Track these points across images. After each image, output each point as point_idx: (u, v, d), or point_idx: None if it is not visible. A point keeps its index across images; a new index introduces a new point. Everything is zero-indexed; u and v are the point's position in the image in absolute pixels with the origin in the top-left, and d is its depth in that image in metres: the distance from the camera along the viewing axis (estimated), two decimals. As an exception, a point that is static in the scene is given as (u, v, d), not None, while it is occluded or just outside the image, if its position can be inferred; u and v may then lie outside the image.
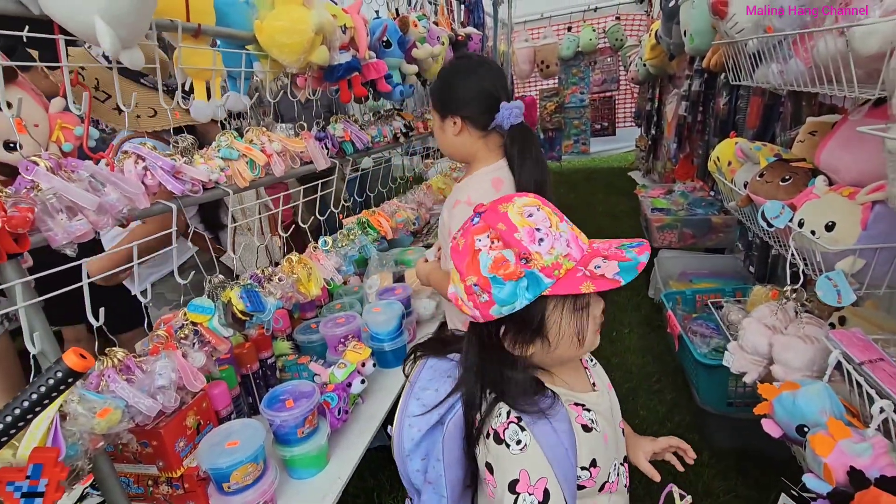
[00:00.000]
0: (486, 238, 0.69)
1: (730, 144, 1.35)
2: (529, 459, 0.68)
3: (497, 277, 0.66)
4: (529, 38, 6.18)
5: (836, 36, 0.80)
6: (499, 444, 0.70)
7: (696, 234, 2.67)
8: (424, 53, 2.07)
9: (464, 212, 1.18)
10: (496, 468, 0.70)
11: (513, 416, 0.71)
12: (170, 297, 1.65)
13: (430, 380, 0.81)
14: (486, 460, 0.72)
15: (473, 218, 0.73)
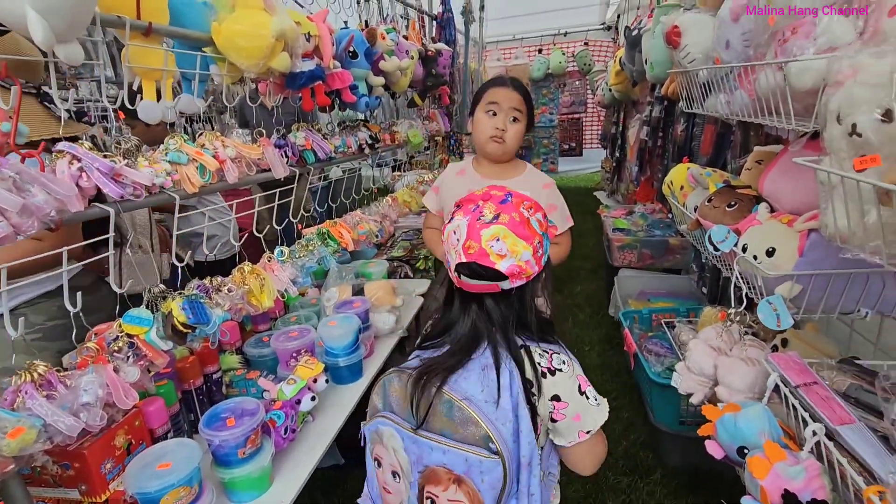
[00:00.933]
0: (526, 209, 0.86)
1: (682, 170, 1.39)
2: (576, 367, 0.88)
3: (545, 234, 0.87)
4: (501, 58, 6.31)
5: (774, 70, 0.84)
6: (554, 374, 0.83)
7: (654, 254, 2.75)
8: (392, 66, 2.07)
9: (555, 191, 1.69)
10: (562, 392, 0.83)
11: (546, 348, 0.86)
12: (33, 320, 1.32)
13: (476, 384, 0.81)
14: (553, 394, 0.83)
15: (505, 198, 0.87)
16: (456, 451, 0.77)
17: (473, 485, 0.76)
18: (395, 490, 0.87)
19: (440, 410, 0.79)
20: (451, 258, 0.86)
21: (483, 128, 1.57)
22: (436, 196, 1.80)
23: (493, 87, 1.59)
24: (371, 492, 0.96)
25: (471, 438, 0.77)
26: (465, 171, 1.71)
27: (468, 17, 3.39)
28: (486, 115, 1.56)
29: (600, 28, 6.37)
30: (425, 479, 0.81)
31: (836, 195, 0.68)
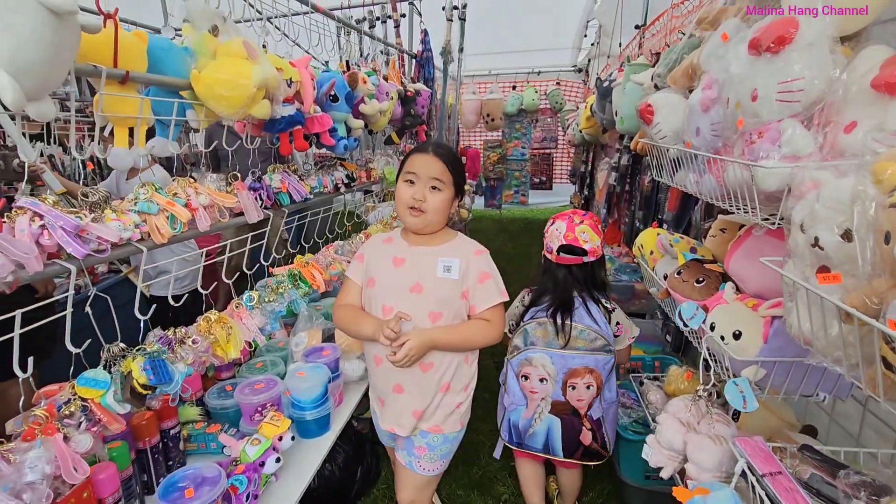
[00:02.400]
0: (595, 222, 1.64)
1: (652, 234, 1.45)
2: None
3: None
4: (477, 91, 6.46)
5: (742, 167, 0.89)
6: (614, 311, 1.66)
7: (621, 298, 2.82)
8: (372, 110, 2.09)
9: (487, 259, 1.49)
10: (620, 319, 1.69)
11: (605, 297, 1.67)
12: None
13: (585, 316, 1.59)
14: (615, 322, 1.67)
15: (585, 214, 1.70)
16: (590, 356, 1.54)
17: (599, 372, 1.55)
18: (542, 389, 1.59)
19: (574, 336, 1.55)
20: (553, 243, 1.65)
21: (401, 197, 1.38)
22: (360, 265, 1.48)
23: (414, 154, 1.41)
24: (514, 398, 1.66)
25: (597, 347, 1.55)
26: (392, 239, 1.50)
27: (447, 57, 3.47)
28: (405, 184, 1.38)
29: (571, 70, 6.64)
30: (568, 376, 1.55)
31: (800, 299, 0.72)
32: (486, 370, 2.93)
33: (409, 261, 1.42)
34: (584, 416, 1.56)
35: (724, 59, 0.94)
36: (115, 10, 1.10)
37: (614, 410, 1.61)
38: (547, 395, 1.57)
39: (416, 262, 1.41)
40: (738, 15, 1.15)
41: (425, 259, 1.40)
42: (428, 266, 1.39)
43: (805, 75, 0.77)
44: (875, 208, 0.57)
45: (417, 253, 1.42)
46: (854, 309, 0.58)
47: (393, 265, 1.42)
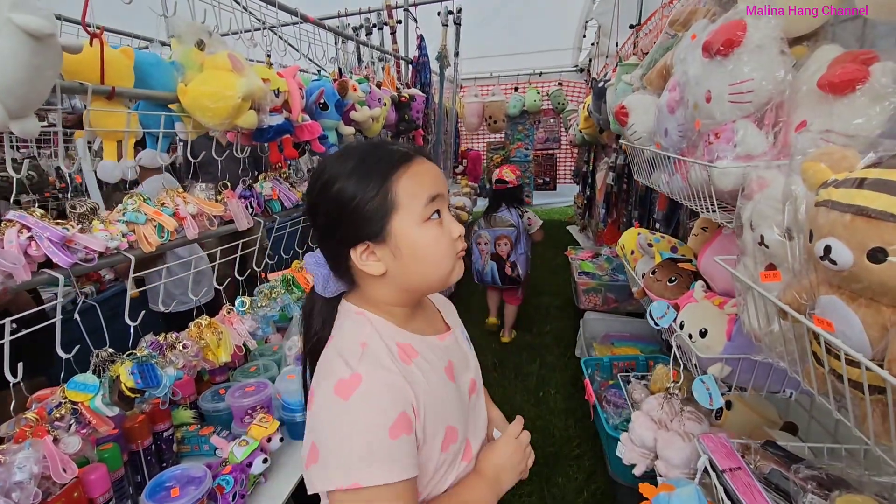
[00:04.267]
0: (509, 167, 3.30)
1: (633, 235, 1.46)
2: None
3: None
4: (479, 94, 6.49)
5: (701, 168, 0.90)
6: (527, 212, 3.24)
7: (617, 298, 2.82)
8: (362, 117, 2.12)
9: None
10: (531, 216, 3.27)
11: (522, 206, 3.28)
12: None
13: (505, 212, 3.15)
14: (527, 217, 3.23)
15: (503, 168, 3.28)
16: (504, 230, 3.07)
17: (510, 238, 3.08)
18: (485, 248, 3.16)
19: (497, 221, 3.10)
20: (493, 180, 3.22)
21: (440, 242, 0.73)
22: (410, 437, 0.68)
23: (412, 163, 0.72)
24: (474, 258, 3.23)
25: (507, 226, 3.07)
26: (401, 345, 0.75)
27: (443, 62, 3.51)
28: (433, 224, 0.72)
29: (573, 70, 6.64)
30: (496, 240, 3.11)
31: (749, 297, 0.73)
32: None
33: (452, 358, 0.82)
34: (507, 260, 3.15)
35: (685, 61, 0.96)
36: (100, 30, 1.15)
37: (524, 259, 3.16)
38: (487, 251, 3.19)
39: (454, 352, 0.84)
40: (707, 16, 1.17)
41: (457, 342, 0.88)
42: (462, 350, 0.88)
43: (754, 76, 0.79)
44: (804, 206, 0.58)
45: (445, 343, 0.83)
46: (787, 306, 0.60)
47: (449, 380, 0.78)
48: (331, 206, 0.70)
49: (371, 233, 0.69)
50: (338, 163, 0.72)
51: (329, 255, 0.76)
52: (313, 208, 0.74)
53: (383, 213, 0.68)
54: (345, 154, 0.73)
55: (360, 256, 0.71)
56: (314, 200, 0.73)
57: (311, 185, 0.74)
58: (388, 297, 0.75)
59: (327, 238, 0.73)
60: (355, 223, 0.69)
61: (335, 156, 0.74)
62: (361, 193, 0.68)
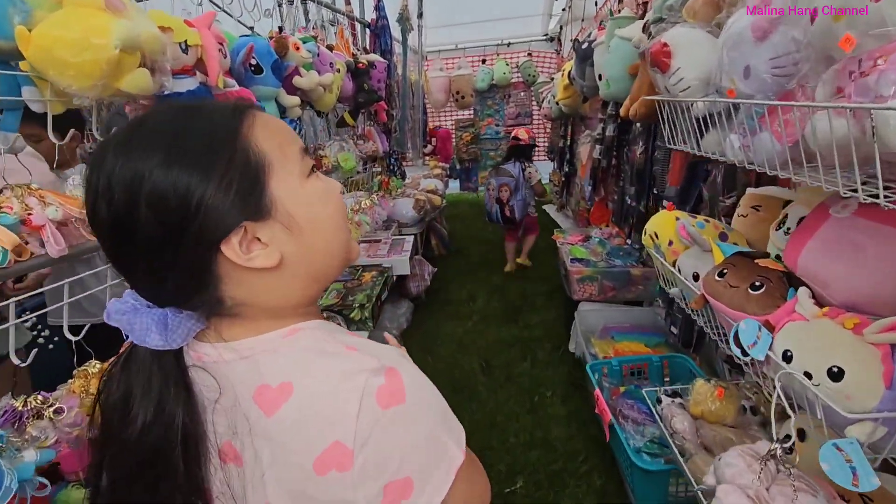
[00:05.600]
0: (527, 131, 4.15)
1: (669, 220, 1.12)
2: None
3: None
4: (444, 68, 6.04)
5: (846, 116, 0.55)
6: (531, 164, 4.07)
7: (616, 286, 2.53)
8: (309, 82, 1.70)
9: None
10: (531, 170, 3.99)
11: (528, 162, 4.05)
12: None
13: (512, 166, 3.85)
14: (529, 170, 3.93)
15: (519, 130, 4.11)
16: (505, 179, 3.73)
17: (509, 185, 3.71)
18: (493, 192, 3.80)
19: (502, 171, 3.79)
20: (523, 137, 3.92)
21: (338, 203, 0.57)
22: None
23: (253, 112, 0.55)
24: (486, 200, 3.92)
25: (507, 176, 3.73)
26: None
27: (405, 25, 3.07)
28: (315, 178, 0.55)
29: (543, 39, 6.26)
30: (500, 186, 3.75)
31: None
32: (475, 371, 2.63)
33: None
34: (506, 203, 3.74)
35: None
36: None
37: (521, 204, 3.75)
38: (494, 196, 3.79)
39: None
40: None
41: None
42: None
43: None
44: None
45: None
46: None
47: None
48: (158, 210, 0.45)
49: (246, 210, 0.47)
50: (135, 149, 0.46)
51: (170, 278, 0.48)
52: (117, 227, 0.47)
53: (253, 179, 0.48)
54: (137, 134, 0.47)
55: (237, 250, 0.48)
56: (118, 215, 0.46)
57: (100, 195, 0.46)
58: (290, 297, 0.53)
59: (162, 254, 0.47)
60: (215, 210, 0.46)
61: (119, 140, 0.47)
62: (207, 170, 0.46)
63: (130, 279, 0.50)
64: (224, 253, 0.47)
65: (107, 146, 0.47)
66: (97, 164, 0.47)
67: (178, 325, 0.50)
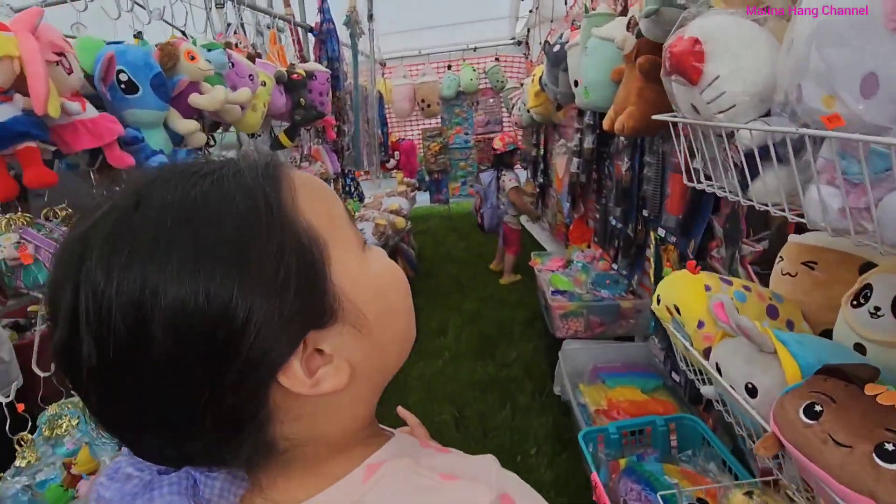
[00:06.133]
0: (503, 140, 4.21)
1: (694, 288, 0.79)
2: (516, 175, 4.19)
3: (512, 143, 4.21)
4: (408, 76, 5.70)
5: None
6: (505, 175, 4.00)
7: (604, 321, 2.21)
8: (211, 101, 1.31)
9: None
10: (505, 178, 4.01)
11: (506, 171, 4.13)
12: None
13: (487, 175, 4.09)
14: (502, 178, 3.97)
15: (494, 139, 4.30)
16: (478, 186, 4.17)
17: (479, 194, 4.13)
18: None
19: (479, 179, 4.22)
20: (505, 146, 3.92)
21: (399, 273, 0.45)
22: None
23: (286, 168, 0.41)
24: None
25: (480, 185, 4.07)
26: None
27: (354, 29, 2.71)
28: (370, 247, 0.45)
29: (510, 43, 5.98)
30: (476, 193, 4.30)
31: None
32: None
33: None
34: (479, 211, 4.13)
35: None
36: None
37: (489, 212, 3.93)
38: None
39: None
40: None
41: None
42: None
43: None
44: None
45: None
46: None
47: None
48: (183, 338, 0.29)
49: (308, 318, 0.33)
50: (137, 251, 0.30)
51: (199, 427, 0.32)
52: (118, 367, 0.30)
53: (312, 271, 0.34)
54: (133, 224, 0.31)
55: (300, 375, 0.33)
56: (119, 350, 0.29)
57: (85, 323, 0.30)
58: (358, 416, 0.40)
59: (188, 399, 0.31)
60: (269, 326, 0.31)
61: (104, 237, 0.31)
62: (251, 268, 0.31)
63: (129, 435, 0.34)
64: (280, 382, 0.33)
65: (83, 249, 0.30)
66: (70, 278, 0.30)
67: (214, 493, 0.34)
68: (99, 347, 0.29)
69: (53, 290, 0.32)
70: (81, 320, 0.30)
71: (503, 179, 3.80)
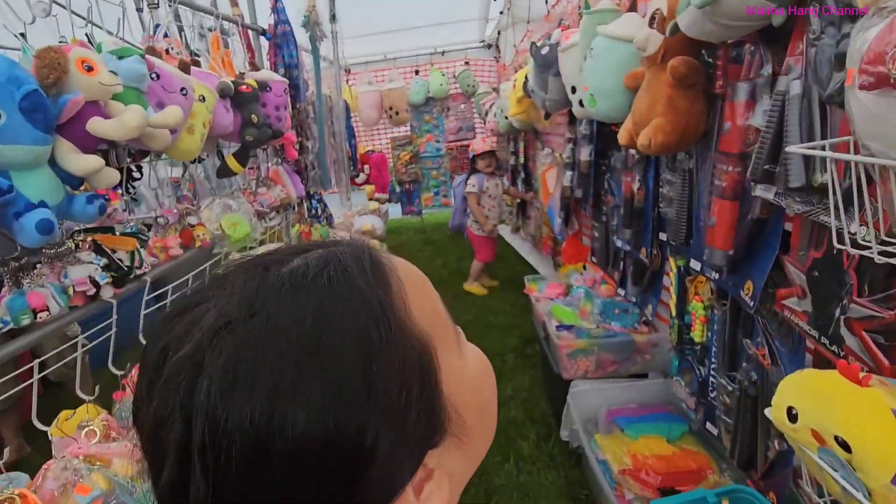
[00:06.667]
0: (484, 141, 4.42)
1: (878, 415, 0.50)
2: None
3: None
4: (373, 81, 5.36)
5: None
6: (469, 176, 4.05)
7: (617, 358, 1.95)
8: (119, 128, 0.95)
9: None
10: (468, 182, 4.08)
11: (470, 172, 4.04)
12: None
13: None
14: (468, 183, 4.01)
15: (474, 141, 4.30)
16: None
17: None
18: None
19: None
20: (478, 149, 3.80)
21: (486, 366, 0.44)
22: None
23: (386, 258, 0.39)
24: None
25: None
26: None
27: (314, 31, 2.36)
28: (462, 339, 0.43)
29: (480, 46, 5.74)
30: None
31: None
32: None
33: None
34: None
35: None
36: None
37: (454, 214, 4.18)
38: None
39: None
40: None
41: None
42: None
43: None
44: None
45: None
46: None
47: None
48: (305, 471, 0.28)
49: (426, 437, 0.32)
50: (259, 382, 0.28)
51: None
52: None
53: (427, 385, 0.32)
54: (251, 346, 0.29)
55: (412, 500, 0.31)
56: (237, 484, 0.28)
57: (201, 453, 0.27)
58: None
59: None
60: (394, 452, 0.30)
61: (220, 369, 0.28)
62: (376, 391, 0.29)
63: None
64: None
65: (197, 374, 0.28)
66: (182, 407, 0.27)
67: None
68: (214, 486, 0.27)
69: (156, 420, 0.28)
70: (194, 456, 0.27)
71: (469, 183, 3.87)
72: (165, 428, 0.28)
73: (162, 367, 0.29)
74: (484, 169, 3.85)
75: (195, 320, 0.29)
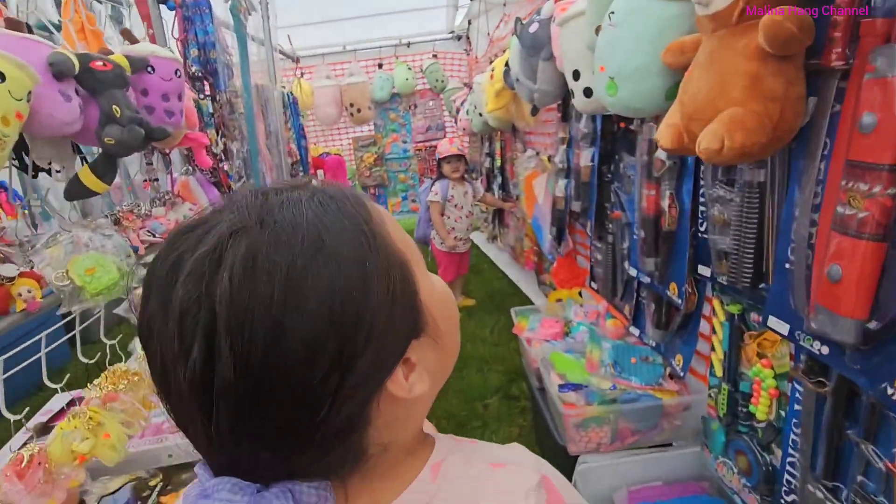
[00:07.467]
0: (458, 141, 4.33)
1: None
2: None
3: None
4: (332, 75, 4.80)
5: None
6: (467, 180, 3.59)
7: (639, 427, 1.50)
8: None
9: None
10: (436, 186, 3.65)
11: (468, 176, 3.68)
12: None
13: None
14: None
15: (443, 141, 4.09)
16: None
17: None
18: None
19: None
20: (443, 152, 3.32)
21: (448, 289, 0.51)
22: None
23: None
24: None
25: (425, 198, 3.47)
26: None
27: (237, 2, 1.82)
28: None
29: (449, 38, 5.26)
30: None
31: None
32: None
33: None
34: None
35: None
36: None
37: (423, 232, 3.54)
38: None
39: None
40: None
41: None
42: None
43: None
44: None
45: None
46: None
47: None
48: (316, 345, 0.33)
49: (409, 328, 0.40)
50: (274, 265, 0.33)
51: (308, 438, 0.36)
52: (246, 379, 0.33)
53: (406, 286, 0.40)
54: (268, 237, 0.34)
55: (402, 381, 0.39)
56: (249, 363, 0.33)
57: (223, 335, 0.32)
58: (422, 420, 0.47)
59: (306, 408, 0.35)
60: (387, 333, 0.37)
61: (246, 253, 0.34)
62: (370, 279, 0.36)
63: (247, 451, 0.35)
64: (388, 388, 0.38)
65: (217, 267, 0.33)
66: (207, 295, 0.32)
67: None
68: (238, 364, 0.32)
69: (182, 310, 0.33)
70: (220, 337, 0.32)
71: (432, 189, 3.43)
72: (191, 316, 0.32)
73: (179, 268, 0.33)
74: (450, 174, 3.31)
75: (207, 231, 0.34)
